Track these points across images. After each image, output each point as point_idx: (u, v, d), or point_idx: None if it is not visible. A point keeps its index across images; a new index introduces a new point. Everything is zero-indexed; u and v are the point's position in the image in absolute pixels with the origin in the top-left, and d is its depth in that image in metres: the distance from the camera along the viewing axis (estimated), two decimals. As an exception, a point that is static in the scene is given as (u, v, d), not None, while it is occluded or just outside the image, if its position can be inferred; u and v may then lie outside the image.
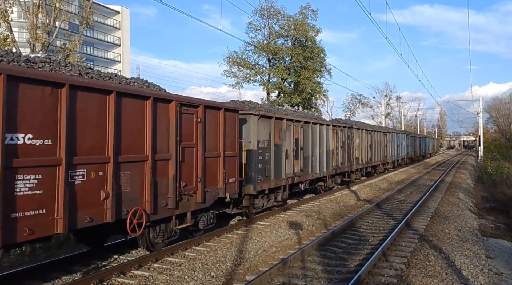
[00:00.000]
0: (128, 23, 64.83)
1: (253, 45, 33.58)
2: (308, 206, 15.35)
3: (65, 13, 20.86)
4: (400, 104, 68.91)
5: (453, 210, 15.74)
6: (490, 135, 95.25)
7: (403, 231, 11.59)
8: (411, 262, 8.79)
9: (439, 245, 10.23)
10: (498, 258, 10.29)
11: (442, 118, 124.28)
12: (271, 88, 34.01)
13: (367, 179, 24.66)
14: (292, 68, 33.69)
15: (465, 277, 8.03)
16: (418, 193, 20.32)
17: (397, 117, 70.39)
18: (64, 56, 20.10)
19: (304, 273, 7.97)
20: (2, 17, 17.32)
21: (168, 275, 7.53)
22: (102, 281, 7.14)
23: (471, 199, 20.69)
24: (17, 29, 26.85)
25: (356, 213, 14.39)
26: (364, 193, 19.65)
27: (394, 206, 16.35)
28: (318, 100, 37.02)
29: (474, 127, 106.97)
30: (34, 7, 18.24)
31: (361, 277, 7.42)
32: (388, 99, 64.48)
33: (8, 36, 18.04)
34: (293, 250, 9.44)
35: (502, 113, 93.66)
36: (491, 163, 38.40)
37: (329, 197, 17.49)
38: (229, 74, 33.81)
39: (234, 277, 7.75)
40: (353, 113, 56.09)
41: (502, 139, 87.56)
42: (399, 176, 29.60)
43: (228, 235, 10.59)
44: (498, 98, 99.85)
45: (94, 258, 8.52)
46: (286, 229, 11.45)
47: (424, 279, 7.76)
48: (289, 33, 33.43)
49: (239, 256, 8.94)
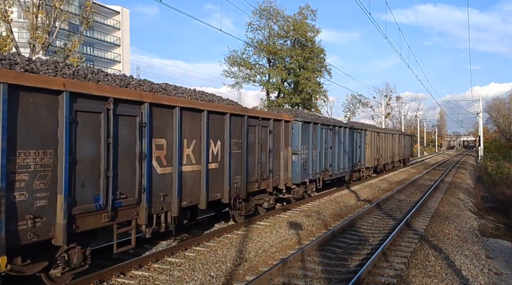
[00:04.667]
0: (128, 23, 64.89)
1: (253, 46, 33.60)
2: (308, 206, 15.36)
3: (65, 13, 20.85)
4: (400, 104, 68.97)
5: (453, 210, 15.74)
6: (490, 135, 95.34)
7: (403, 231, 11.59)
8: (411, 262, 8.79)
9: (439, 245, 10.23)
10: (498, 258, 10.29)
11: (442, 118, 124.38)
12: (271, 88, 34.03)
13: (367, 179, 24.67)
14: (291, 68, 33.69)
15: (465, 277, 8.03)
16: (418, 193, 20.33)
17: (397, 117, 70.43)
18: (64, 56, 20.11)
19: (304, 273, 7.97)
20: (2, 17, 17.33)
21: (168, 275, 7.53)
22: (102, 281, 7.14)
23: (471, 199, 20.69)
24: (17, 29, 26.83)
25: (356, 213, 14.39)
26: (364, 193, 19.66)
27: (394, 206, 16.35)
28: (318, 100, 37.06)
29: (474, 127, 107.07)
30: (34, 7, 18.25)
31: (361, 277, 7.42)
32: (388, 99, 64.52)
33: (9, 36, 18.05)
34: (293, 250, 9.45)
35: (502, 113, 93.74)
36: (491, 163, 38.44)
37: (329, 197, 17.49)
38: (228, 74, 33.83)
39: (234, 277, 7.75)
40: (353, 113, 56.11)
41: (502, 139, 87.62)
42: (399, 176, 29.62)
43: (228, 235, 10.59)
44: (498, 98, 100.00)
45: (94, 258, 8.51)
46: (286, 229, 11.46)
47: (424, 279, 7.76)
48: (289, 34, 33.44)
49: (239, 256, 8.94)
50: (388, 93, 67.13)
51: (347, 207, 15.80)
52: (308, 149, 15.67)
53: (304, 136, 15.24)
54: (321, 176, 17.06)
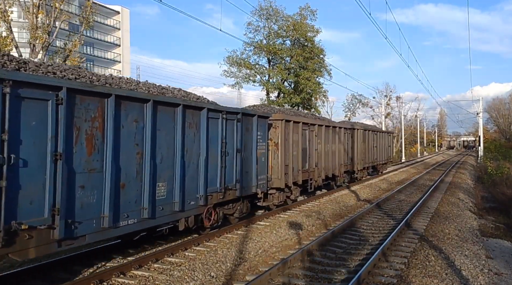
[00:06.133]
0: (128, 23, 64.81)
1: (253, 46, 33.59)
2: (308, 206, 15.35)
3: (65, 13, 20.86)
4: (400, 104, 68.90)
5: (453, 210, 15.74)
6: (490, 135, 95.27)
7: (403, 231, 11.59)
8: (411, 262, 8.79)
9: (439, 245, 10.23)
10: (498, 258, 10.28)
11: (442, 118, 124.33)
12: (271, 88, 34.02)
13: (367, 179, 24.66)
14: (292, 68, 33.69)
15: (465, 277, 8.03)
16: (418, 193, 20.33)
17: (397, 117, 70.38)
18: (64, 56, 20.12)
19: (304, 273, 7.97)
20: (2, 17, 17.33)
21: (168, 275, 7.53)
22: (102, 281, 7.14)
23: (471, 199, 20.70)
24: (17, 29, 26.82)
25: (356, 213, 14.39)
26: (364, 193, 19.66)
27: (394, 206, 16.35)
28: (318, 100, 37.04)
29: (474, 127, 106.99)
30: (34, 7, 18.25)
31: (361, 277, 7.43)
32: (388, 99, 64.39)
33: (8, 36, 18.05)
34: (293, 250, 9.45)
35: (502, 113, 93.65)
36: (491, 163, 38.42)
37: (329, 197, 17.49)
38: (228, 74, 33.82)
39: (234, 277, 7.75)
40: (354, 114, 56.08)
41: (502, 139, 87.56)
42: (399, 176, 29.62)
43: (228, 235, 10.59)
44: (498, 98, 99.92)
45: (94, 258, 8.52)
46: (286, 229, 11.45)
47: (424, 279, 7.76)
48: (288, 34, 33.43)
49: (239, 256, 8.94)
50: (388, 93, 66.98)
51: (347, 207, 15.80)
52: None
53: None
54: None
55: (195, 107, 9.35)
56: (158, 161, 8.19)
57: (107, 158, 6.98)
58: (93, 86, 6.93)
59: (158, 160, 8.21)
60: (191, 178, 9.20)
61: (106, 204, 6.93)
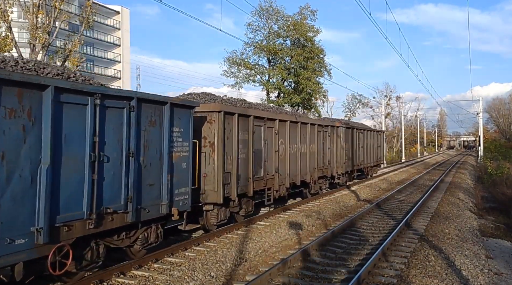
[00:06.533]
0: (128, 23, 64.80)
1: (253, 46, 33.58)
2: (308, 206, 15.35)
3: (65, 13, 20.85)
4: (400, 104, 68.86)
5: (453, 210, 15.74)
6: (490, 135, 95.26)
7: (403, 231, 11.59)
8: (411, 262, 8.79)
9: (439, 245, 10.23)
10: (498, 258, 10.28)
11: (442, 118, 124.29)
12: (271, 88, 34.00)
13: (367, 179, 24.65)
14: (292, 68, 33.68)
15: (465, 277, 8.03)
16: (418, 193, 20.33)
17: (397, 117, 70.34)
18: (64, 56, 20.11)
19: (304, 273, 7.97)
20: (2, 17, 17.32)
21: (168, 275, 7.53)
22: (102, 281, 7.14)
23: (471, 199, 20.70)
24: (17, 29, 26.83)
25: (356, 213, 14.39)
26: (364, 193, 19.66)
27: (394, 206, 16.35)
28: (318, 100, 37.02)
29: (474, 127, 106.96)
30: (34, 7, 18.24)
31: (361, 277, 7.42)
32: (388, 99, 64.36)
33: (8, 35, 18.05)
34: (293, 250, 9.45)
35: (502, 113, 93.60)
36: (491, 163, 38.42)
37: (329, 197, 17.49)
38: (228, 74, 33.80)
39: (234, 277, 7.75)
40: (354, 114, 56.03)
41: (502, 139, 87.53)
42: (399, 176, 29.63)
43: (228, 235, 10.59)
44: (498, 98, 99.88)
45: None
46: (286, 229, 11.45)
47: (424, 279, 7.76)
48: (288, 34, 33.41)
49: (239, 256, 8.94)
50: (388, 93, 66.92)
51: (347, 207, 15.80)
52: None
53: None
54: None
55: (23, 83, 5.60)
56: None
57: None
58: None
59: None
60: (17, 200, 5.57)
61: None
